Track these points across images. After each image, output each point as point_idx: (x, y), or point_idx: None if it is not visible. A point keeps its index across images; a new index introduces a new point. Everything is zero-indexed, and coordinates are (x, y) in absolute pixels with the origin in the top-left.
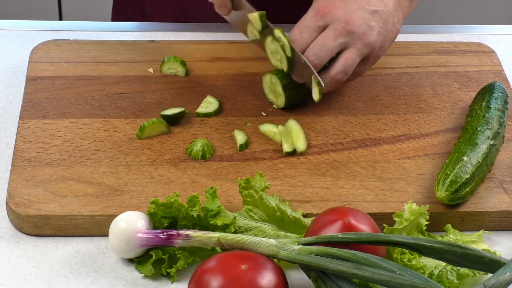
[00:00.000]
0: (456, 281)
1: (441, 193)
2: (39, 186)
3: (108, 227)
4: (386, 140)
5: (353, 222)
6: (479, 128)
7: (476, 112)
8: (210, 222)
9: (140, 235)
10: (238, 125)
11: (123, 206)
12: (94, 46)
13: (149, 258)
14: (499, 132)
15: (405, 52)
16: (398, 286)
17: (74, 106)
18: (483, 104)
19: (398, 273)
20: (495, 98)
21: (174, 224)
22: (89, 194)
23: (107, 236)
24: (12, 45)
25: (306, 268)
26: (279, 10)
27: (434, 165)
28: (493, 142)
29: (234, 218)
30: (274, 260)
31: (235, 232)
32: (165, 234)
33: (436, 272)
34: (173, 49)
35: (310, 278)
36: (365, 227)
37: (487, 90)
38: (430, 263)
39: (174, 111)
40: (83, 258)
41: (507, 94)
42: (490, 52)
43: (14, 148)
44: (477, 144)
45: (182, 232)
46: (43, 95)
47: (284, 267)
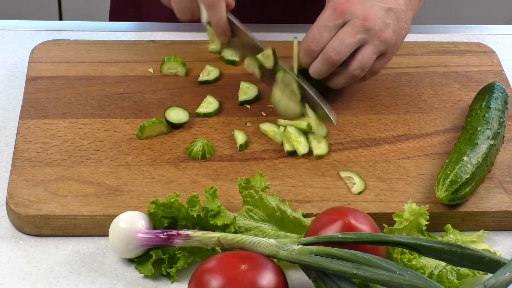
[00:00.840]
0: (456, 281)
1: (441, 193)
2: (39, 186)
3: (108, 227)
4: (386, 140)
5: (353, 222)
6: (479, 128)
7: (476, 112)
8: (210, 222)
9: (140, 235)
10: (238, 125)
11: (123, 206)
12: (94, 46)
13: (149, 258)
14: (499, 132)
15: (405, 52)
16: (398, 286)
17: (74, 106)
18: (483, 104)
19: (398, 273)
20: (495, 98)
21: (174, 224)
22: (89, 194)
23: (107, 236)
24: (12, 45)
25: (306, 268)
26: (271, 11)
27: (434, 165)
28: (493, 142)
29: (234, 218)
30: (274, 260)
31: (235, 232)
32: (165, 234)
33: (436, 272)
34: (173, 49)
35: (310, 278)
36: (365, 227)
37: (487, 90)
38: (430, 263)
39: (179, 117)
40: (83, 258)
41: (507, 94)
42: (490, 52)
43: (14, 148)
44: (477, 144)
45: (182, 232)
46: (43, 95)
47: (284, 267)
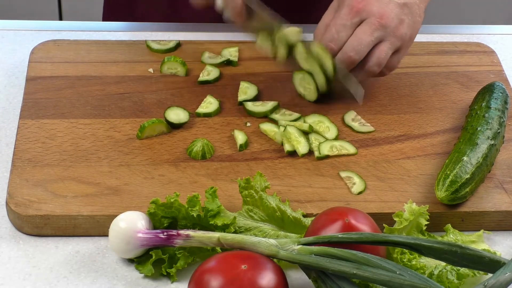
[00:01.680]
0: (456, 281)
1: (441, 193)
2: (39, 186)
3: (108, 227)
4: (386, 140)
5: (353, 222)
6: (479, 128)
7: (476, 112)
8: (210, 222)
9: (140, 235)
10: (238, 125)
11: (123, 206)
12: (94, 46)
13: (149, 258)
14: (499, 132)
15: None
16: (398, 286)
17: (74, 106)
18: (483, 104)
19: (398, 273)
20: (495, 98)
21: (174, 224)
22: (89, 194)
23: (107, 236)
24: (12, 45)
25: (306, 268)
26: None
27: (434, 165)
28: (493, 142)
29: (234, 218)
30: (274, 260)
31: (235, 232)
32: (165, 234)
33: (436, 272)
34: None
35: (310, 278)
36: (365, 227)
37: (487, 90)
38: (430, 263)
39: (179, 117)
40: (83, 258)
41: (507, 94)
42: (490, 52)
43: (14, 148)
44: (477, 144)
45: (182, 232)
46: (43, 95)
47: (284, 267)
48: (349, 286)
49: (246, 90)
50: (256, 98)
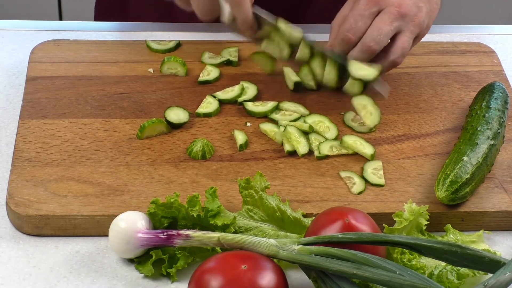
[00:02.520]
0: (456, 281)
1: (441, 193)
2: (39, 186)
3: (108, 227)
4: (386, 140)
5: (353, 222)
6: (479, 128)
7: (476, 112)
8: (210, 222)
9: (140, 235)
10: (238, 125)
11: (123, 206)
12: (94, 46)
13: (149, 258)
14: (499, 132)
15: None
16: (398, 286)
17: (74, 106)
18: (483, 104)
19: (398, 273)
20: (495, 98)
21: (174, 224)
22: (89, 194)
23: (107, 236)
24: (12, 45)
25: (306, 268)
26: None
27: (434, 165)
28: (493, 142)
29: (234, 218)
30: (274, 260)
31: (235, 232)
32: (165, 234)
33: (436, 272)
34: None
35: (310, 278)
36: (365, 227)
37: (487, 90)
38: (430, 263)
39: (179, 117)
40: (83, 258)
41: (507, 94)
42: (490, 52)
43: (14, 148)
44: (477, 144)
45: (182, 232)
46: (43, 95)
47: (284, 267)
48: (349, 286)
49: (247, 90)
50: (256, 98)
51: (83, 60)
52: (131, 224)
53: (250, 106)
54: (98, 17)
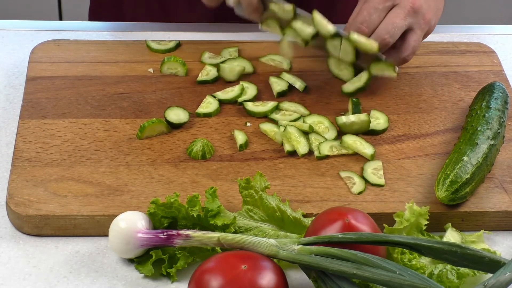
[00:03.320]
0: (456, 280)
1: (441, 193)
2: (39, 186)
3: (108, 227)
4: (386, 140)
5: (353, 222)
6: (479, 128)
7: (476, 112)
8: (210, 222)
9: (140, 235)
10: (238, 125)
11: (123, 206)
12: (94, 46)
13: (149, 258)
14: (499, 132)
15: None
16: (398, 286)
17: (74, 106)
18: (483, 104)
19: (398, 273)
20: (495, 98)
21: (174, 224)
22: (89, 194)
23: (107, 236)
24: (12, 45)
25: (306, 268)
26: None
27: (434, 165)
28: (493, 142)
29: (234, 218)
30: (274, 260)
31: (235, 232)
32: (165, 234)
33: (436, 272)
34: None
35: (310, 278)
36: (365, 227)
37: (487, 90)
38: (430, 263)
39: (179, 117)
40: (83, 258)
41: (507, 94)
42: (490, 52)
43: (14, 148)
44: (477, 144)
45: (182, 232)
46: (43, 95)
47: (284, 267)
48: (349, 286)
49: (246, 90)
50: (255, 98)
51: (83, 60)
52: (131, 224)
53: (250, 106)
54: (93, 17)
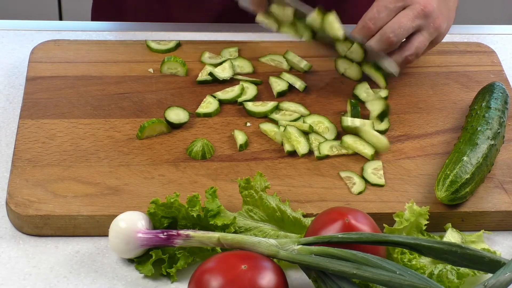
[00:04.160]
0: (456, 280)
1: (441, 193)
2: (39, 186)
3: (108, 227)
4: None
5: (353, 222)
6: (479, 128)
7: (476, 112)
8: (210, 222)
9: (140, 235)
10: (238, 125)
11: (123, 206)
12: (94, 46)
13: (149, 258)
14: (499, 132)
15: None
16: (398, 286)
17: (74, 106)
18: (483, 104)
19: (398, 273)
20: (495, 98)
21: (174, 224)
22: (89, 194)
23: (107, 236)
24: (12, 45)
25: (306, 268)
26: None
27: (434, 165)
28: (493, 142)
29: (234, 218)
30: (274, 260)
31: (235, 232)
32: (165, 234)
33: (436, 271)
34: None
35: (310, 278)
36: (365, 227)
37: (487, 90)
38: (430, 263)
39: (179, 117)
40: (83, 258)
41: (507, 94)
42: (490, 52)
43: (14, 148)
44: (477, 144)
45: (182, 232)
46: (43, 95)
47: (284, 267)
48: (349, 286)
49: (246, 90)
50: (255, 98)
51: (83, 60)
52: (131, 224)
53: (250, 106)
54: (95, 17)
